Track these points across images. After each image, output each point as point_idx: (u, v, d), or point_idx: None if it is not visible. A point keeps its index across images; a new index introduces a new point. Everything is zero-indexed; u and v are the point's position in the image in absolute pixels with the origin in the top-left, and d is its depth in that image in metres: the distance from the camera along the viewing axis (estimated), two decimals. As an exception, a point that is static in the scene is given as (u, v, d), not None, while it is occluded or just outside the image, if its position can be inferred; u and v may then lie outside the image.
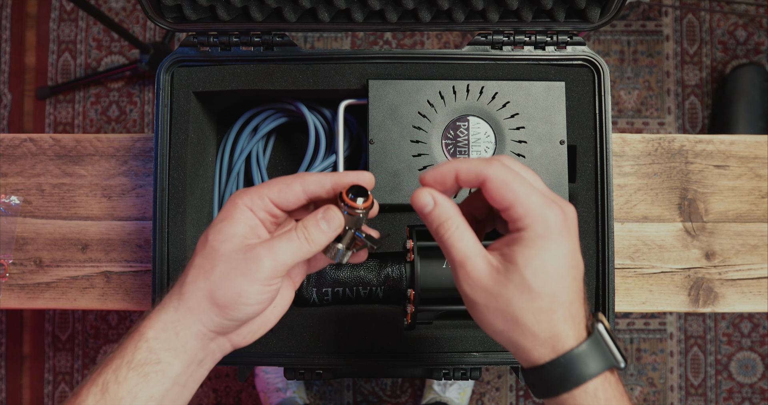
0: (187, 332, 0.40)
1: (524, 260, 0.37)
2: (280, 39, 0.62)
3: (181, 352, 0.40)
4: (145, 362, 0.39)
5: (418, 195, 0.40)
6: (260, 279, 0.39)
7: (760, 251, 0.73)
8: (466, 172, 0.39)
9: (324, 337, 0.60)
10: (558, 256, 0.37)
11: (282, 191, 0.42)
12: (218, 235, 0.40)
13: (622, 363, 0.38)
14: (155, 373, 0.39)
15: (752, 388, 1.49)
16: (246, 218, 0.41)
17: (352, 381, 1.48)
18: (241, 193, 0.42)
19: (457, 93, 0.61)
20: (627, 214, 0.74)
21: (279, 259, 0.39)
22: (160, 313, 0.40)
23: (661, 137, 0.75)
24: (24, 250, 0.73)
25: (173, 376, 0.40)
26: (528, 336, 0.38)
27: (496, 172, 0.38)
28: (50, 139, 0.75)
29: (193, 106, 0.62)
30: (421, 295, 0.62)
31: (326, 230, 0.41)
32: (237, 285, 0.39)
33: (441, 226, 0.39)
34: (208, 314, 0.40)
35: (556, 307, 0.37)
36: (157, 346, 0.39)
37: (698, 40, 1.55)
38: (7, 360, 1.52)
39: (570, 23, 0.61)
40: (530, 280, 0.37)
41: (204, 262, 0.40)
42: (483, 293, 0.38)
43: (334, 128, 0.65)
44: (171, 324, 0.40)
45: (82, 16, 1.57)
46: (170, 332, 0.40)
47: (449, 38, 1.56)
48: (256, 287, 0.39)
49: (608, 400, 0.38)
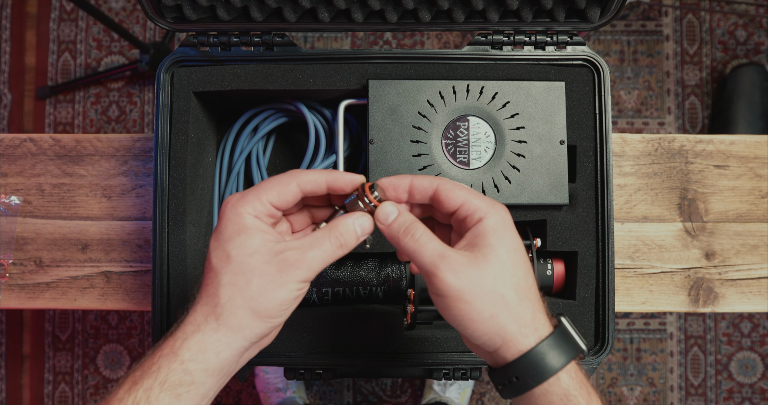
0: (228, 351, 0.40)
1: (497, 241, 0.40)
2: (280, 39, 0.62)
3: (218, 371, 0.40)
4: (180, 383, 0.39)
5: (381, 208, 0.43)
6: (295, 287, 0.40)
7: (760, 251, 0.73)
8: (420, 180, 0.43)
9: (324, 337, 0.60)
10: (517, 242, 0.41)
11: (281, 194, 0.42)
12: (242, 249, 0.40)
13: (585, 349, 0.42)
14: (188, 392, 0.39)
15: (752, 388, 1.49)
16: (259, 227, 0.41)
17: (352, 381, 1.48)
18: (240, 200, 0.42)
19: (457, 93, 0.61)
20: (627, 214, 0.74)
21: (313, 267, 0.40)
22: (197, 334, 0.40)
23: (661, 137, 0.75)
24: (24, 250, 0.73)
25: (204, 392, 0.40)
26: (515, 317, 0.40)
27: (444, 182, 0.43)
28: (50, 139, 0.75)
29: (193, 106, 0.62)
30: (421, 295, 0.62)
31: (360, 236, 0.43)
32: (277, 296, 0.40)
33: (406, 231, 0.41)
34: (252, 328, 0.40)
35: (530, 285, 0.41)
36: (193, 367, 0.39)
37: (698, 40, 1.55)
38: (7, 360, 1.52)
39: (570, 23, 0.61)
40: (506, 257, 0.40)
41: (236, 280, 0.40)
42: (467, 278, 0.39)
43: (334, 128, 0.65)
44: (211, 345, 0.40)
45: (82, 16, 1.57)
46: (210, 353, 0.40)
47: (449, 38, 1.56)
48: (293, 294, 0.40)
49: (584, 383, 0.41)
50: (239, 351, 0.41)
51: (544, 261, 0.63)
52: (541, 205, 0.60)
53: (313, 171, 0.43)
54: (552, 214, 0.62)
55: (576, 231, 0.61)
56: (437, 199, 0.43)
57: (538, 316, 0.41)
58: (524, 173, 0.60)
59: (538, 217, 0.62)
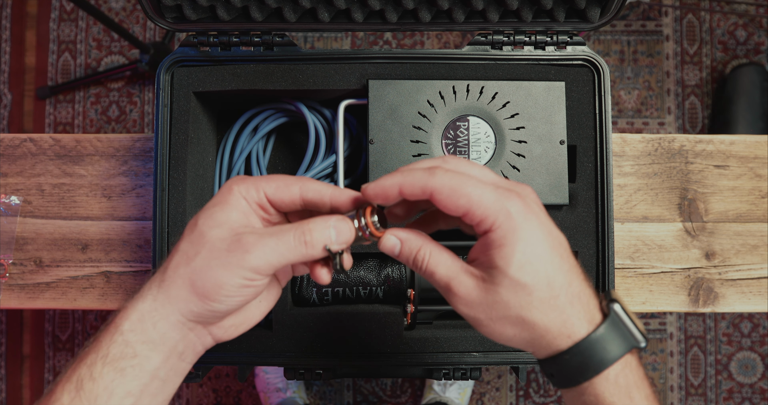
0: (165, 323, 0.38)
1: (504, 260, 0.35)
2: (280, 39, 0.62)
3: (159, 344, 0.38)
4: (121, 356, 0.37)
5: (383, 241, 0.39)
6: (241, 273, 0.36)
7: (760, 251, 0.73)
8: (410, 186, 0.37)
9: (324, 337, 0.60)
10: (535, 243, 0.36)
11: (279, 189, 0.39)
12: (209, 220, 0.38)
13: (642, 342, 0.37)
14: (132, 367, 0.37)
15: (752, 388, 1.49)
16: (240, 206, 0.39)
17: (352, 381, 1.48)
18: (238, 180, 0.40)
19: (457, 93, 0.61)
20: (627, 214, 0.74)
21: (265, 257, 0.36)
22: (137, 302, 0.38)
23: (661, 137, 0.75)
24: (24, 250, 0.73)
25: (151, 369, 0.38)
26: (541, 332, 0.37)
27: (441, 182, 0.36)
28: (50, 139, 0.75)
29: (193, 106, 0.62)
30: (421, 295, 0.62)
31: (333, 240, 0.38)
32: (217, 276, 0.36)
33: (416, 259, 0.39)
34: (187, 303, 0.37)
35: (557, 293, 0.36)
36: (132, 338, 0.37)
37: (698, 40, 1.55)
38: (7, 360, 1.52)
39: (570, 23, 0.61)
40: (518, 277, 0.35)
41: (188, 248, 0.38)
42: (479, 307, 0.37)
43: (334, 128, 0.65)
44: (148, 314, 0.37)
45: (82, 16, 1.57)
46: (147, 323, 0.37)
47: (449, 38, 1.56)
48: (236, 280, 0.37)
49: (629, 387, 0.37)
50: (176, 326, 0.38)
51: (544, 261, 0.63)
52: (541, 205, 0.60)
53: (322, 183, 0.40)
54: (552, 214, 0.62)
55: (576, 231, 0.61)
56: (436, 205, 0.37)
57: (570, 321, 0.36)
58: (524, 173, 0.60)
59: (538, 217, 0.62)
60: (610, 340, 0.36)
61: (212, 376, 1.49)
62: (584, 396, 0.37)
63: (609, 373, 0.36)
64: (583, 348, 0.36)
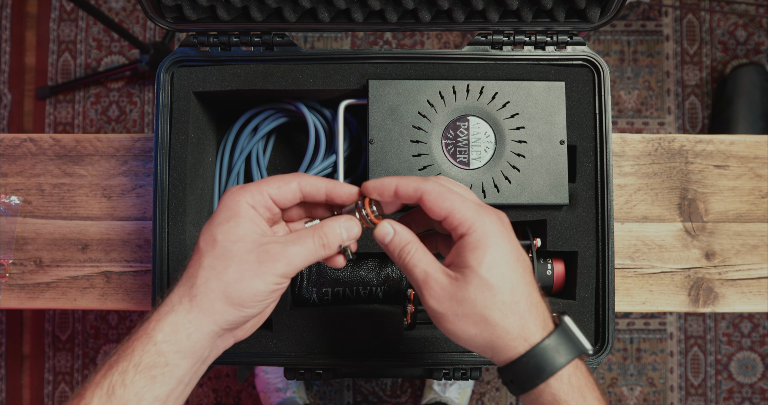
0: (199, 334, 0.40)
1: (476, 261, 0.40)
2: (280, 39, 0.62)
3: (190, 353, 0.40)
4: (154, 365, 0.39)
5: (378, 228, 0.44)
6: (272, 280, 0.41)
7: (760, 251, 0.73)
8: (405, 185, 0.43)
9: (324, 337, 0.60)
10: (504, 252, 0.41)
11: (281, 188, 0.43)
12: (228, 235, 0.41)
13: (590, 349, 0.42)
14: (162, 374, 0.39)
15: (752, 388, 1.49)
16: (251, 216, 0.42)
17: (352, 381, 1.48)
18: (240, 190, 0.43)
19: (457, 93, 0.61)
20: (627, 214, 0.74)
21: (293, 263, 0.41)
22: (170, 315, 0.40)
23: (661, 137, 0.75)
24: (24, 250, 0.73)
25: (179, 376, 0.40)
26: (500, 333, 0.40)
27: (432, 187, 0.42)
28: (50, 139, 0.75)
29: (193, 106, 0.62)
30: (421, 295, 0.62)
31: (344, 239, 0.43)
32: (252, 286, 0.40)
33: (402, 251, 0.43)
34: (223, 314, 0.41)
35: (518, 298, 0.41)
36: (166, 348, 0.40)
37: (698, 40, 1.55)
38: (7, 360, 1.52)
39: (570, 23, 0.61)
40: (487, 277, 0.40)
41: (216, 263, 0.41)
42: (448, 303, 0.41)
43: (334, 128, 0.65)
44: (183, 326, 0.40)
45: (82, 16, 1.57)
46: (181, 334, 0.40)
47: (449, 38, 1.56)
48: (270, 286, 0.41)
49: (581, 387, 0.40)
50: (210, 335, 0.41)
51: (544, 261, 0.63)
52: (541, 205, 0.61)
53: (316, 177, 0.44)
54: (552, 214, 0.62)
55: (576, 231, 0.61)
56: (423, 206, 0.42)
57: (528, 326, 0.41)
58: (524, 173, 0.60)
59: (538, 217, 0.62)
60: (562, 345, 0.41)
61: (212, 376, 1.49)
62: (542, 398, 0.41)
63: (563, 374, 0.40)
64: (539, 351, 0.40)
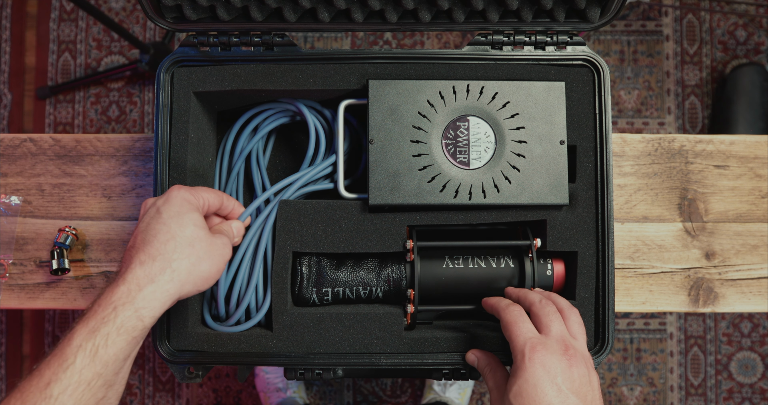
0: (169, 301, 0.48)
1: (508, 385, 0.50)
2: (280, 39, 0.62)
3: (158, 317, 0.48)
4: (134, 328, 0.46)
5: (467, 357, 0.58)
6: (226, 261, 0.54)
7: (760, 251, 0.73)
8: (490, 307, 0.57)
9: (324, 337, 0.60)
10: (532, 384, 0.48)
11: (212, 199, 0.57)
12: (197, 222, 0.52)
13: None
14: (137, 336, 0.46)
15: (752, 388, 1.49)
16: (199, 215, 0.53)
17: (352, 381, 1.48)
18: (186, 190, 0.53)
19: (457, 93, 0.61)
20: (627, 214, 0.74)
21: None
22: (151, 285, 0.47)
23: (661, 137, 0.75)
24: (24, 250, 0.73)
25: (144, 336, 0.48)
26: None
27: (505, 316, 0.54)
28: (50, 139, 0.75)
29: (193, 106, 0.62)
30: (421, 295, 0.62)
31: None
32: (218, 264, 0.52)
33: (482, 371, 0.56)
34: (189, 286, 0.50)
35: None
36: (146, 314, 0.46)
37: (698, 40, 1.55)
38: (7, 360, 1.52)
39: (570, 23, 0.61)
40: (511, 401, 0.49)
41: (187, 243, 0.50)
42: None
43: (334, 128, 0.65)
44: (161, 294, 0.47)
45: (82, 16, 1.57)
46: (158, 302, 0.47)
47: (449, 38, 1.56)
48: (223, 265, 0.54)
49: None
50: (173, 302, 0.49)
51: (543, 261, 0.63)
52: (541, 205, 0.60)
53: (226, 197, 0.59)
54: (552, 214, 0.62)
55: (576, 231, 0.61)
56: None
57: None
58: (524, 173, 0.60)
59: (538, 217, 0.62)
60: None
61: (212, 376, 1.49)
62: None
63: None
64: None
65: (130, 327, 0.45)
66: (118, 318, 0.45)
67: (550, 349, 0.50)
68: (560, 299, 0.56)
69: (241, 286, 0.61)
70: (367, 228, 0.61)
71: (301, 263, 0.62)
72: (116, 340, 0.45)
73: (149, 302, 0.46)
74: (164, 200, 0.51)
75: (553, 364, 0.49)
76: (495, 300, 0.57)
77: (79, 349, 0.44)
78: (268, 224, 0.61)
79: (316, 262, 0.62)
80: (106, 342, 0.44)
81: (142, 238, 0.49)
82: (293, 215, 0.61)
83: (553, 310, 0.53)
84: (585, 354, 0.52)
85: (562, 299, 0.56)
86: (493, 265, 0.62)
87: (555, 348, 0.50)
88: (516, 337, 0.51)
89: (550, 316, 0.52)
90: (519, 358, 0.50)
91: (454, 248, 0.63)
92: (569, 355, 0.50)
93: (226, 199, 0.58)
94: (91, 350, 0.44)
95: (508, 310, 0.54)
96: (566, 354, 0.50)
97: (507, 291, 0.59)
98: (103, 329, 0.44)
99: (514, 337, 0.51)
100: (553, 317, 0.52)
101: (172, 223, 0.50)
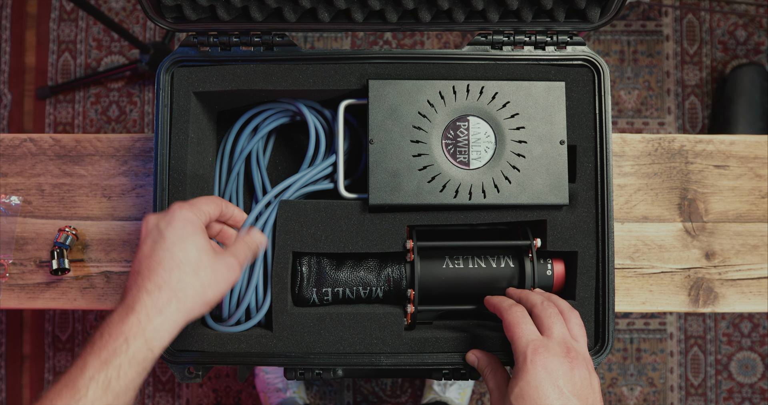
0: (177, 330, 0.48)
1: (509, 387, 0.50)
2: (280, 39, 0.62)
3: (166, 346, 0.48)
4: (144, 359, 0.46)
5: (467, 357, 0.59)
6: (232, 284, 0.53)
7: (760, 251, 0.73)
8: (492, 306, 0.57)
9: (324, 337, 0.60)
10: (533, 386, 0.49)
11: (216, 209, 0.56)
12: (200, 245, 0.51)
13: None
14: (147, 367, 0.47)
15: (752, 388, 1.49)
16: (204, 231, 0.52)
17: (352, 381, 1.48)
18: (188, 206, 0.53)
19: (457, 93, 0.61)
20: (627, 214, 0.74)
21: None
22: (159, 316, 0.47)
23: (661, 137, 0.75)
24: (24, 250, 0.73)
25: (153, 364, 0.48)
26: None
27: (507, 316, 0.54)
28: (50, 139, 0.75)
29: (193, 106, 0.62)
30: (421, 295, 0.62)
31: None
32: (221, 289, 0.51)
33: (483, 371, 0.57)
34: (196, 312, 0.49)
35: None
36: (156, 344, 0.47)
37: (698, 40, 1.55)
38: (7, 360, 1.52)
39: (570, 23, 0.61)
40: (512, 402, 0.49)
41: (192, 270, 0.49)
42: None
43: (334, 128, 0.65)
44: (170, 325, 0.47)
45: (82, 16, 1.57)
46: (166, 332, 0.47)
47: (449, 38, 1.56)
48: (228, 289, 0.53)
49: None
50: (180, 329, 0.49)
51: (544, 261, 0.63)
52: (541, 205, 0.60)
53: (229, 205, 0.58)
54: (552, 214, 0.62)
55: (576, 231, 0.61)
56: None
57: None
58: (524, 173, 0.60)
59: (538, 217, 0.62)
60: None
61: (212, 376, 1.49)
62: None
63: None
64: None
65: (141, 358, 0.46)
66: (129, 349, 0.45)
67: (552, 352, 0.50)
68: (561, 301, 0.56)
69: (241, 286, 0.61)
70: (367, 228, 0.61)
71: (301, 263, 0.62)
72: (128, 372, 0.45)
73: (159, 333, 0.46)
74: (167, 222, 0.50)
75: (555, 366, 0.49)
76: (498, 299, 0.57)
77: (92, 380, 0.43)
78: (268, 224, 0.61)
79: (316, 262, 0.62)
80: (119, 374, 0.44)
81: (147, 265, 0.48)
82: (293, 215, 0.61)
83: (555, 312, 0.53)
84: (586, 356, 0.52)
85: (562, 301, 0.56)
86: (493, 265, 0.62)
87: (557, 350, 0.50)
88: (519, 338, 0.51)
89: (552, 318, 0.53)
90: (521, 359, 0.50)
91: (454, 248, 0.63)
92: (571, 357, 0.50)
93: (225, 207, 0.57)
94: (103, 382, 0.44)
95: (511, 310, 0.54)
96: (568, 356, 0.50)
97: (508, 292, 0.59)
98: (115, 361, 0.44)
99: (516, 339, 0.51)
100: (555, 319, 0.53)
101: (176, 249, 0.49)
